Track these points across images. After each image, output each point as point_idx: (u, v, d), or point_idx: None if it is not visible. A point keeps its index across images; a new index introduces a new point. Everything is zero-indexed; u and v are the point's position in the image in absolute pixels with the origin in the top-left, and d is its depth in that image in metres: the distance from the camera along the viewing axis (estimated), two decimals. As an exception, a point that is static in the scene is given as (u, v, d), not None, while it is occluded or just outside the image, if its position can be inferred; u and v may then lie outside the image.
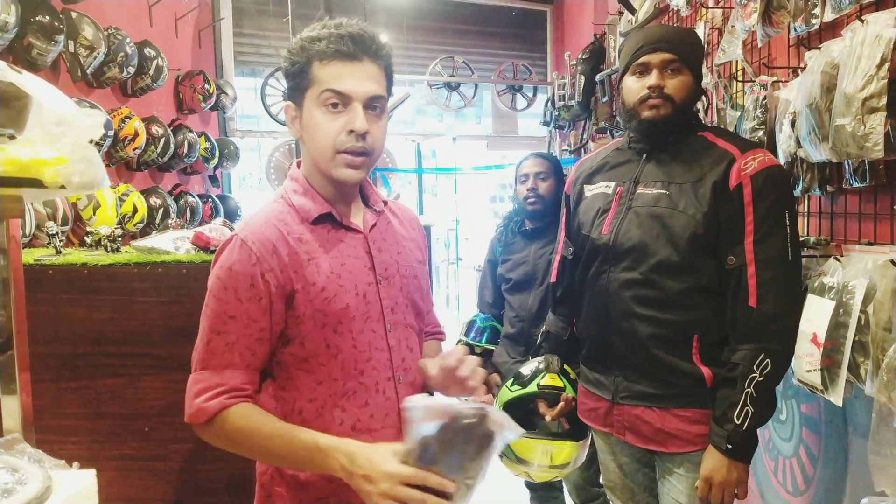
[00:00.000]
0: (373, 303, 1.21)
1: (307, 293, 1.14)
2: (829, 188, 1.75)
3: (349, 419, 1.18)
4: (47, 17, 2.81)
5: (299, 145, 1.23)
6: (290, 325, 1.15)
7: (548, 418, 1.87)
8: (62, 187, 0.93)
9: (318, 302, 1.15)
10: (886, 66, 1.31)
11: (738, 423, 1.47)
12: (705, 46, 2.38)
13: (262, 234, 1.14)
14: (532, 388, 1.89)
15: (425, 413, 0.98)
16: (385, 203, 1.33)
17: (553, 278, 1.91)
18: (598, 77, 3.83)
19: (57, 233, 2.08)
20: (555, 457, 1.87)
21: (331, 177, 1.17)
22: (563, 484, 2.67)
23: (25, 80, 1.01)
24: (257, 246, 1.13)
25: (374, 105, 1.15)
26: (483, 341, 2.65)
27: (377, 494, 1.00)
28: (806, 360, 1.48)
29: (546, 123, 5.09)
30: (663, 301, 1.56)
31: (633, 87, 1.60)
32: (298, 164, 1.26)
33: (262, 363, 1.16)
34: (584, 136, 4.47)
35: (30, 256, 1.96)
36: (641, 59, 1.58)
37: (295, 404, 1.18)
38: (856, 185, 1.63)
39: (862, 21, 1.38)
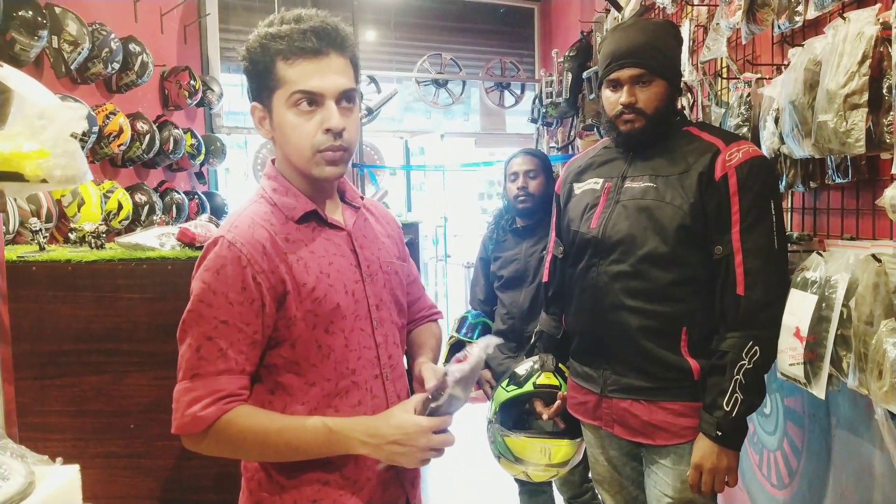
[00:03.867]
0: (360, 301, 1.19)
1: (298, 294, 1.11)
2: (812, 184, 1.77)
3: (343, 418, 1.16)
4: (30, 13, 2.78)
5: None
6: (281, 328, 1.12)
7: (545, 417, 1.88)
8: (44, 181, 0.92)
9: (309, 302, 1.12)
10: (868, 62, 1.32)
11: (727, 409, 1.49)
12: (690, 44, 2.39)
13: (250, 235, 1.11)
14: (528, 387, 1.90)
15: (462, 374, 1.09)
16: (361, 198, 1.31)
17: (545, 278, 1.92)
18: (585, 74, 3.84)
19: (41, 229, 2.06)
20: (553, 455, 1.89)
21: (311, 176, 1.15)
22: (552, 480, 2.68)
23: (7, 74, 1.00)
24: (247, 248, 1.09)
25: (346, 98, 1.12)
26: (474, 337, 2.67)
27: (418, 451, 1.08)
28: (789, 354, 1.49)
29: (534, 121, 5.10)
30: (652, 292, 1.58)
31: (610, 100, 1.65)
32: (273, 162, 1.23)
33: (254, 367, 1.13)
34: (572, 133, 4.48)
35: (13, 253, 1.94)
36: (612, 76, 1.62)
37: (286, 409, 1.15)
38: (838, 180, 1.65)
39: (844, 18, 1.40)
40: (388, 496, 1.23)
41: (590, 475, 2.45)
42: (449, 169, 6.54)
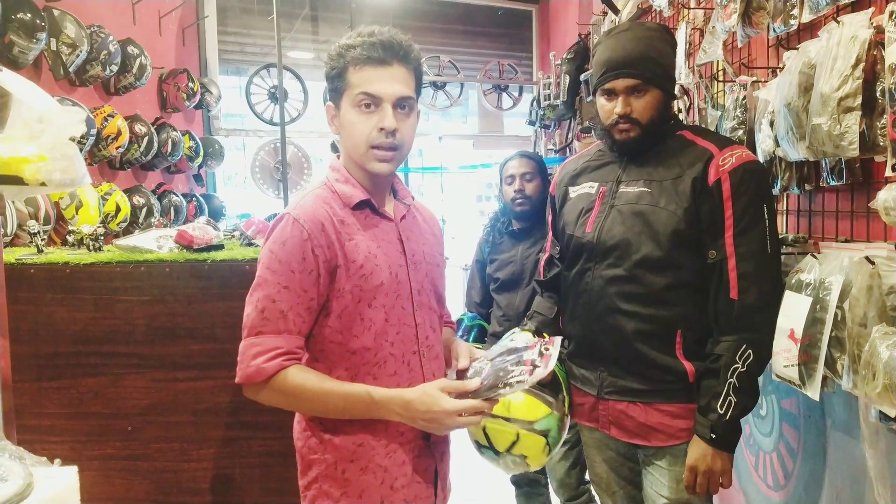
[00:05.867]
0: (403, 283, 1.34)
1: (348, 269, 1.26)
2: (806, 186, 1.78)
3: (380, 385, 1.29)
4: (29, 15, 2.79)
5: (336, 141, 1.37)
6: (332, 298, 1.27)
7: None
8: (42, 184, 0.93)
9: (357, 278, 1.27)
10: (861, 66, 1.33)
11: (721, 412, 1.50)
12: (687, 46, 2.40)
13: (312, 213, 1.26)
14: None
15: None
16: (412, 198, 1.46)
17: (540, 275, 1.92)
18: (582, 77, 3.86)
19: (39, 232, 2.07)
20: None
21: (365, 169, 1.30)
22: (549, 481, 2.69)
23: (6, 78, 1.01)
24: (309, 224, 1.24)
25: (403, 105, 1.27)
26: (470, 340, 2.67)
27: (444, 428, 1.25)
28: (783, 356, 1.50)
29: (531, 123, 5.12)
30: (647, 296, 1.59)
31: (605, 109, 1.65)
32: (338, 157, 1.39)
33: (308, 330, 1.28)
34: (569, 136, 4.49)
35: (11, 255, 1.94)
36: (607, 86, 1.62)
37: (331, 373, 1.28)
38: (833, 183, 1.65)
39: (838, 22, 1.40)
40: (419, 463, 1.37)
41: (587, 476, 2.47)
42: (447, 171, 6.56)
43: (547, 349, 1.33)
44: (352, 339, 1.28)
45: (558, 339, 1.37)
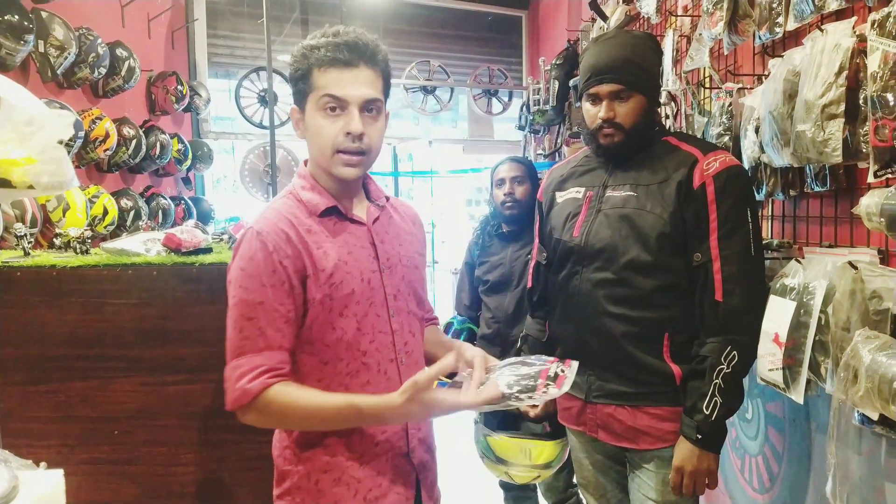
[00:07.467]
0: (377, 289, 1.29)
1: (317, 278, 1.22)
2: (791, 192, 1.80)
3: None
4: (16, 17, 2.77)
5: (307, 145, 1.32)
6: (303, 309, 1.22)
7: (530, 414, 1.89)
8: (31, 187, 0.93)
9: (327, 287, 1.22)
10: (844, 74, 1.35)
11: (707, 413, 1.52)
12: (674, 53, 2.42)
13: (275, 224, 1.23)
14: None
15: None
16: (387, 199, 1.42)
17: (529, 283, 1.94)
18: (571, 82, 3.88)
19: (25, 234, 2.05)
20: (533, 456, 1.89)
21: (332, 174, 1.26)
22: (537, 485, 2.70)
23: (-6, 80, 1.00)
24: (272, 236, 1.21)
25: (370, 107, 1.23)
26: (459, 342, 2.67)
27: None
28: (768, 360, 1.51)
29: (521, 128, 5.14)
30: (635, 299, 1.61)
31: (590, 113, 1.68)
32: (306, 163, 1.35)
33: (291, 343, 1.23)
34: (559, 141, 4.52)
35: (-3, 258, 1.93)
36: (591, 90, 1.65)
37: (303, 385, 1.24)
38: (817, 189, 1.68)
39: (822, 30, 1.43)
40: (398, 474, 1.32)
41: (574, 480, 2.48)
42: (437, 175, 6.56)
43: (563, 370, 1.26)
44: (323, 350, 1.25)
45: (575, 364, 1.30)
